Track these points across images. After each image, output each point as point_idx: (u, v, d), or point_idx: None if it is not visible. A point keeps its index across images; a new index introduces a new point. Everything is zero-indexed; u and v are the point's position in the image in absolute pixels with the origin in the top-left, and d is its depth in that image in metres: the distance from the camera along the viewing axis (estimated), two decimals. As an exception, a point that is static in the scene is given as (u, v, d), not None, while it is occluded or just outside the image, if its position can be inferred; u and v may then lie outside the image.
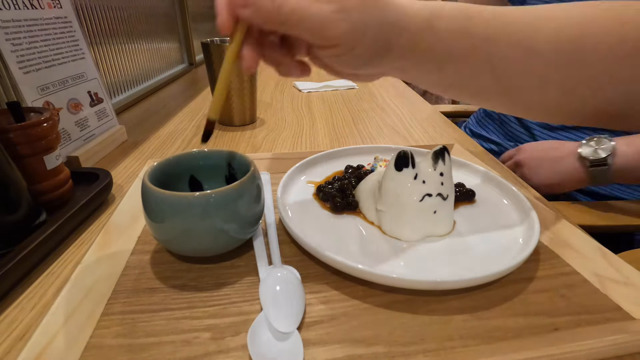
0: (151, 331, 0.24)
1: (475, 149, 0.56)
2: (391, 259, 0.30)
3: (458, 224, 0.34)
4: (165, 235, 0.29)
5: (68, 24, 0.51)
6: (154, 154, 0.55)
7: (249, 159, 0.32)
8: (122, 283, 0.28)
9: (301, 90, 0.93)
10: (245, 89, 0.63)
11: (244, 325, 0.25)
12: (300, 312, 0.25)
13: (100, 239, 0.33)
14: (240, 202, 0.28)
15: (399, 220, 0.32)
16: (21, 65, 0.42)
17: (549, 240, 0.33)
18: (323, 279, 0.29)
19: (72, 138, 0.49)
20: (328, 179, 0.42)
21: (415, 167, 0.32)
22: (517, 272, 0.29)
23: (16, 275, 0.29)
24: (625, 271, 0.29)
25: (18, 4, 0.43)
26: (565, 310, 0.26)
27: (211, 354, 0.23)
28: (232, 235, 0.29)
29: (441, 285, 0.26)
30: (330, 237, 0.33)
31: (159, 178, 0.30)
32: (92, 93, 0.54)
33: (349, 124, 0.68)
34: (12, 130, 0.33)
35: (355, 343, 0.23)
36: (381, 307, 0.26)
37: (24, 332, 0.25)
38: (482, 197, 0.39)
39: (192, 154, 0.34)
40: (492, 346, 0.23)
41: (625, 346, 0.24)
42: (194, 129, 0.65)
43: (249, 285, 0.28)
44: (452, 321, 0.25)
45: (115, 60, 0.79)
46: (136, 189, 0.41)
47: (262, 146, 0.58)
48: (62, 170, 0.39)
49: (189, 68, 1.22)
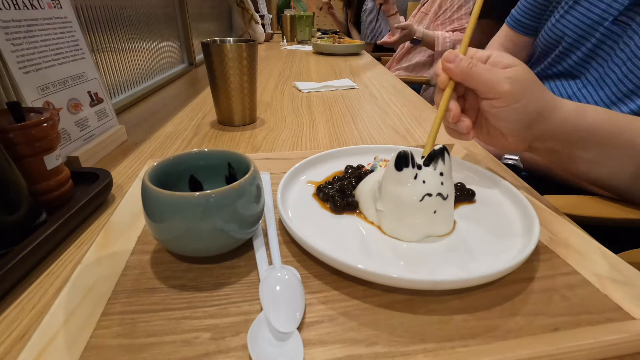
0: (151, 331, 0.24)
1: (475, 149, 0.56)
2: (391, 259, 0.30)
3: (458, 224, 0.34)
4: (165, 235, 0.29)
5: (68, 24, 0.51)
6: (154, 154, 0.55)
7: (249, 159, 0.32)
8: (122, 283, 0.28)
9: (301, 90, 0.93)
10: (245, 89, 0.63)
11: (244, 325, 0.25)
12: (300, 312, 0.25)
13: (100, 239, 0.33)
14: (240, 202, 0.28)
15: (399, 220, 0.32)
16: (21, 65, 0.42)
17: (549, 240, 0.33)
18: (323, 279, 0.29)
19: (72, 138, 0.49)
20: (328, 179, 0.42)
21: (415, 167, 0.32)
22: (517, 272, 0.29)
23: (16, 275, 0.29)
24: (625, 271, 0.29)
25: (18, 4, 0.43)
26: (565, 310, 0.26)
27: (211, 354, 0.23)
28: (232, 235, 0.29)
29: (441, 285, 0.26)
30: (330, 237, 0.33)
31: (159, 178, 0.30)
32: (92, 93, 0.54)
33: (349, 124, 0.68)
34: (12, 130, 0.33)
35: (355, 343, 0.23)
36: (381, 307, 0.26)
37: (24, 332, 0.25)
38: (482, 197, 0.39)
39: (192, 154, 0.34)
40: (492, 346, 0.23)
41: (625, 346, 0.24)
42: (194, 129, 0.65)
43: (249, 285, 0.28)
44: (452, 321, 0.25)
45: (115, 60, 0.79)
46: (136, 189, 0.41)
47: (262, 146, 0.58)
48: (62, 170, 0.39)
49: (189, 68, 1.22)
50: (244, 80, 0.62)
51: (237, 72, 0.61)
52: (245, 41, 0.62)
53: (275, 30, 2.48)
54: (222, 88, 0.63)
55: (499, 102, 0.36)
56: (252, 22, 1.76)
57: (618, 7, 0.55)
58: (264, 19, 1.98)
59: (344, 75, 1.11)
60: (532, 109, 0.37)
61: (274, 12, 2.42)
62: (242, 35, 1.75)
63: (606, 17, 0.56)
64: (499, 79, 0.35)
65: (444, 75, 0.38)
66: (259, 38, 1.82)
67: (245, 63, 0.61)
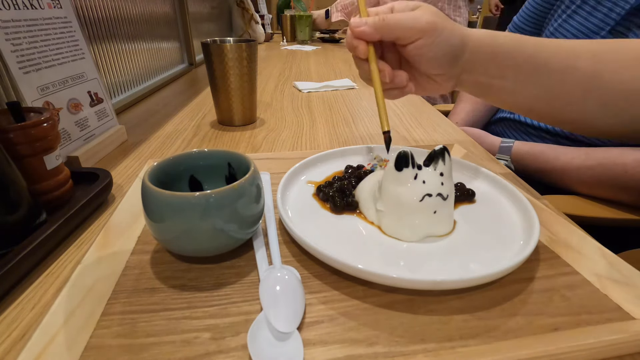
0: (151, 331, 0.24)
1: (476, 149, 0.56)
2: (391, 259, 0.30)
3: (458, 224, 0.34)
4: (165, 235, 0.29)
5: (68, 24, 0.51)
6: (154, 154, 0.55)
7: (249, 159, 0.32)
8: (122, 283, 0.28)
9: (301, 90, 0.93)
10: (245, 89, 0.63)
11: (244, 325, 0.25)
12: (300, 312, 0.25)
13: (100, 239, 0.33)
14: (240, 202, 0.28)
15: (399, 220, 0.32)
16: (21, 65, 0.42)
17: (549, 240, 0.33)
18: (323, 279, 0.29)
19: (72, 138, 0.49)
20: (328, 179, 0.42)
21: (416, 167, 0.32)
22: (517, 272, 0.29)
23: (16, 275, 0.29)
24: (625, 271, 0.29)
25: (18, 4, 0.43)
26: (565, 310, 0.26)
27: (211, 354, 0.23)
28: (232, 235, 0.29)
29: (441, 285, 0.26)
30: (330, 237, 0.33)
31: (159, 178, 0.30)
32: (92, 93, 0.54)
33: (349, 124, 0.68)
34: (12, 130, 0.33)
35: (355, 343, 0.23)
36: (381, 307, 0.26)
37: (24, 332, 0.25)
38: (482, 197, 0.39)
39: (192, 154, 0.34)
40: (492, 346, 0.23)
41: (625, 346, 0.24)
42: (194, 129, 0.65)
43: (249, 285, 0.28)
44: (452, 321, 0.25)
45: (115, 60, 0.79)
46: (136, 189, 0.41)
47: (262, 146, 0.58)
48: (62, 170, 0.39)
49: (189, 68, 1.22)
50: (244, 80, 0.62)
51: (237, 72, 0.61)
52: (245, 41, 0.62)
53: (275, 30, 2.48)
54: (222, 88, 0.63)
55: (422, 41, 0.36)
56: (252, 22, 1.76)
57: (615, 17, 0.55)
58: (264, 19, 1.98)
59: (344, 75, 1.11)
60: (454, 41, 0.37)
61: (274, 12, 2.42)
62: (242, 35, 1.75)
63: (603, 27, 0.57)
64: (415, 17, 0.36)
65: (361, 44, 0.38)
66: (259, 38, 1.82)
67: (245, 63, 0.61)
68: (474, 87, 0.41)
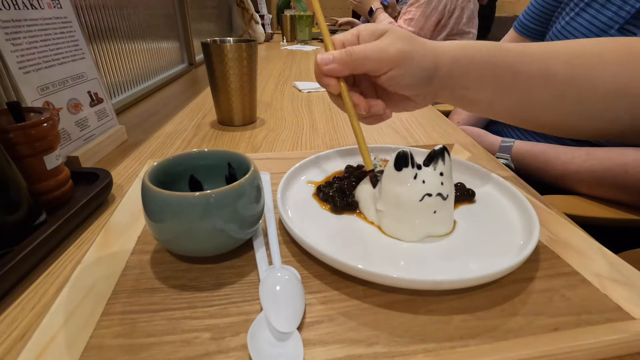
0: (151, 331, 0.24)
1: (475, 149, 0.56)
2: (391, 259, 0.30)
3: (458, 224, 0.34)
4: (165, 235, 0.29)
5: (68, 24, 0.51)
6: (154, 154, 0.55)
7: (249, 159, 0.32)
8: (122, 283, 0.28)
9: (301, 90, 0.93)
10: (245, 89, 0.63)
11: (244, 325, 0.25)
12: (300, 312, 0.25)
13: (100, 239, 0.33)
14: (240, 202, 0.28)
15: (399, 220, 0.32)
16: (21, 65, 0.42)
17: (549, 240, 0.33)
18: (323, 279, 0.29)
19: (72, 138, 0.49)
20: (328, 179, 0.42)
21: (415, 167, 0.32)
22: (517, 272, 0.29)
23: (16, 275, 0.29)
24: (625, 271, 0.29)
25: (18, 4, 0.43)
26: (565, 310, 0.26)
27: (211, 354, 0.23)
28: (232, 235, 0.29)
29: (441, 285, 0.26)
30: (330, 237, 0.33)
31: (159, 178, 0.30)
32: (92, 93, 0.54)
33: (349, 124, 0.68)
34: (12, 130, 0.33)
35: (355, 343, 0.23)
36: (381, 307, 0.26)
37: (24, 332, 0.25)
38: (482, 197, 0.39)
39: (192, 154, 0.34)
40: (492, 346, 0.23)
41: (625, 346, 0.24)
42: (194, 129, 0.65)
43: (249, 285, 0.28)
44: (452, 321, 0.25)
45: (115, 60, 0.79)
46: (136, 189, 0.41)
47: (262, 146, 0.58)
48: (62, 170, 0.39)
49: (189, 68, 1.22)
50: (244, 80, 0.62)
51: (237, 72, 0.61)
52: (245, 41, 0.62)
53: (275, 30, 2.48)
54: (222, 88, 0.63)
55: (394, 72, 0.35)
56: (252, 22, 1.76)
57: (624, 15, 0.55)
58: (264, 19, 1.98)
59: (344, 75, 1.11)
60: (426, 64, 0.35)
61: (274, 12, 2.42)
62: (242, 35, 1.75)
63: (612, 25, 0.56)
64: (381, 49, 0.34)
65: (332, 80, 0.37)
66: (259, 38, 1.82)
67: (245, 63, 0.61)
68: (452, 100, 0.40)
